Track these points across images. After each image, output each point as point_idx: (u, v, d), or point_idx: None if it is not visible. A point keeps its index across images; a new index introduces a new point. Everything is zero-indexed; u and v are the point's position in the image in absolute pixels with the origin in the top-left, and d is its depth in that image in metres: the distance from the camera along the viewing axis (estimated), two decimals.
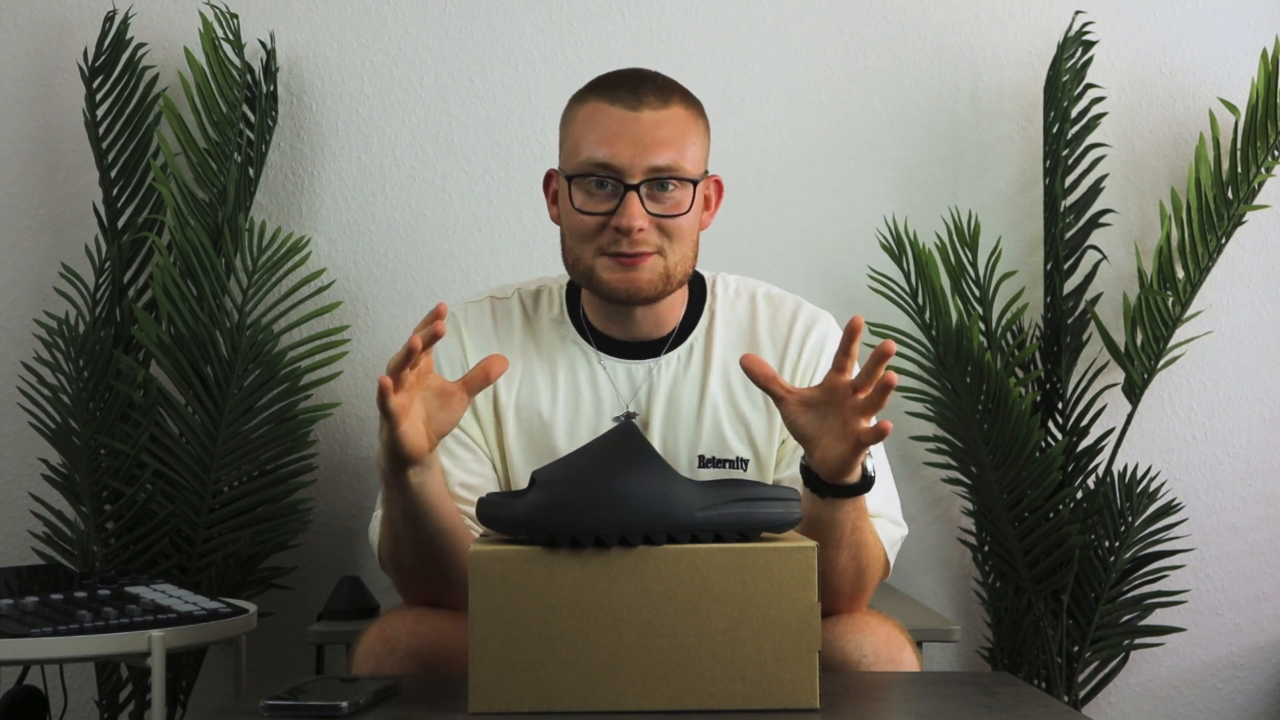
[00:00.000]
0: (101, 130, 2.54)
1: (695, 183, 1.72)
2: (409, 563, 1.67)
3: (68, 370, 2.43)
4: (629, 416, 1.79)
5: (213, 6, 2.56)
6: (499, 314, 1.84)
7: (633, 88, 1.72)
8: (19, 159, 2.67)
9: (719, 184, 1.83)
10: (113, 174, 2.54)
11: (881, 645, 1.63)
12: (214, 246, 2.49)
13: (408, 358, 1.47)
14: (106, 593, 2.00)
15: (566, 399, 1.80)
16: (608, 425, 1.76)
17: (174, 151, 2.54)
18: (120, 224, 2.55)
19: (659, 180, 1.70)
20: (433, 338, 1.47)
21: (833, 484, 1.56)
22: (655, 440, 1.78)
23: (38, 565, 2.29)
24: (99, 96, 2.53)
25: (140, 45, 2.57)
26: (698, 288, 1.85)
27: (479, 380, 1.55)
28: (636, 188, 1.69)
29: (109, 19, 2.55)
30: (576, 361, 1.81)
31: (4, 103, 2.66)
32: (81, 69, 2.54)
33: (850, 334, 1.51)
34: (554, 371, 1.81)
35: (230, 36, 2.54)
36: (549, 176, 1.81)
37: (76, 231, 2.64)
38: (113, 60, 2.54)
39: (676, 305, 1.81)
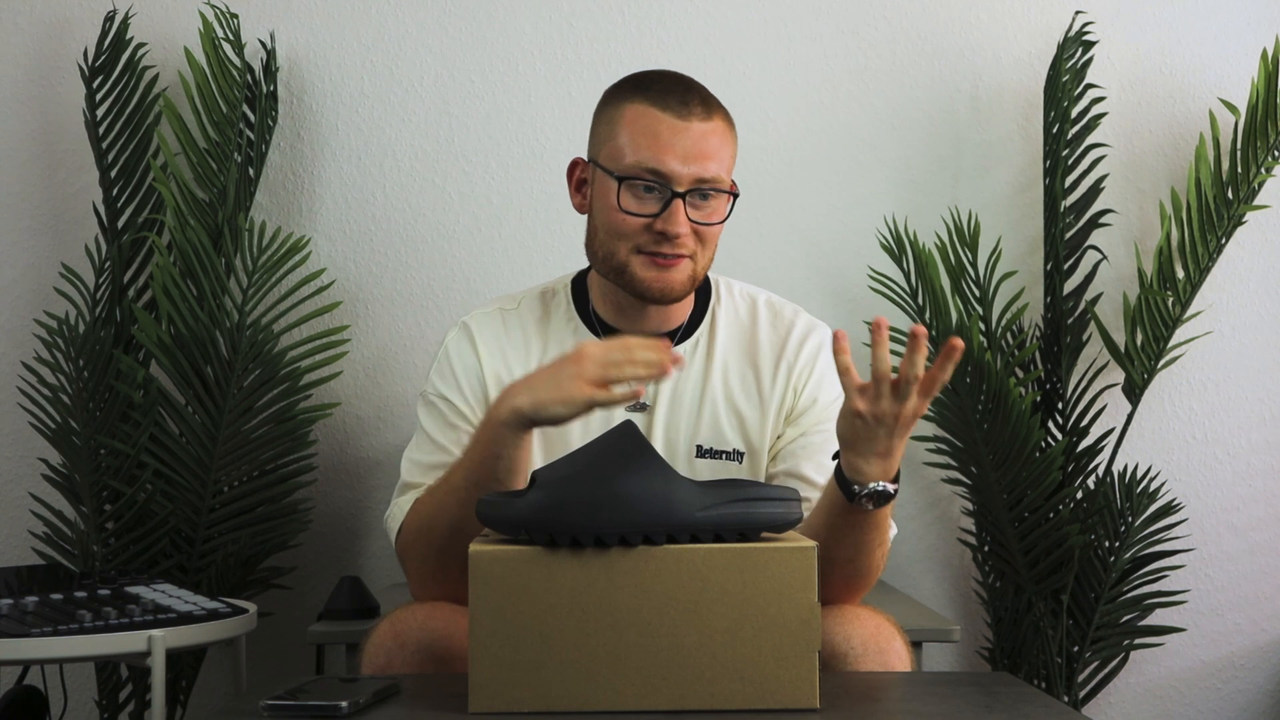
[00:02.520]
0: (101, 130, 2.54)
1: (734, 195, 1.80)
2: (450, 541, 1.65)
3: (68, 370, 2.43)
4: (641, 406, 1.82)
5: (213, 6, 2.56)
6: (509, 322, 1.88)
7: (681, 96, 1.77)
8: (19, 159, 2.67)
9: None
10: (113, 174, 2.54)
11: (870, 637, 1.65)
12: (214, 246, 2.49)
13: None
14: (106, 593, 2.00)
15: None
16: (620, 415, 1.79)
17: (174, 151, 2.54)
18: (120, 224, 2.55)
19: (702, 190, 1.76)
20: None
21: (862, 489, 1.59)
22: (658, 429, 1.82)
23: (38, 565, 2.30)
24: (99, 96, 2.53)
25: (140, 45, 2.57)
26: (703, 286, 1.90)
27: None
28: (683, 195, 1.75)
29: (109, 19, 2.55)
30: None
31: (4, 103, 2.66)
32: (81, 69, 2.54)
33: (840, 347, 1.59)
34: None
35: (230, 36, 2.54)
36: (575, 165, 1.85)
37: (76, 231, 2.64)
38: (113, 60, 2.54)
39: (684, 302, 1.86)
